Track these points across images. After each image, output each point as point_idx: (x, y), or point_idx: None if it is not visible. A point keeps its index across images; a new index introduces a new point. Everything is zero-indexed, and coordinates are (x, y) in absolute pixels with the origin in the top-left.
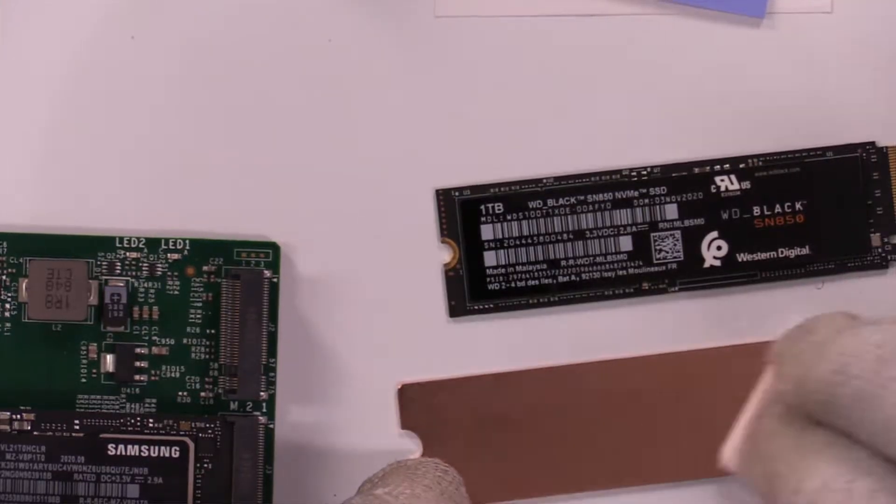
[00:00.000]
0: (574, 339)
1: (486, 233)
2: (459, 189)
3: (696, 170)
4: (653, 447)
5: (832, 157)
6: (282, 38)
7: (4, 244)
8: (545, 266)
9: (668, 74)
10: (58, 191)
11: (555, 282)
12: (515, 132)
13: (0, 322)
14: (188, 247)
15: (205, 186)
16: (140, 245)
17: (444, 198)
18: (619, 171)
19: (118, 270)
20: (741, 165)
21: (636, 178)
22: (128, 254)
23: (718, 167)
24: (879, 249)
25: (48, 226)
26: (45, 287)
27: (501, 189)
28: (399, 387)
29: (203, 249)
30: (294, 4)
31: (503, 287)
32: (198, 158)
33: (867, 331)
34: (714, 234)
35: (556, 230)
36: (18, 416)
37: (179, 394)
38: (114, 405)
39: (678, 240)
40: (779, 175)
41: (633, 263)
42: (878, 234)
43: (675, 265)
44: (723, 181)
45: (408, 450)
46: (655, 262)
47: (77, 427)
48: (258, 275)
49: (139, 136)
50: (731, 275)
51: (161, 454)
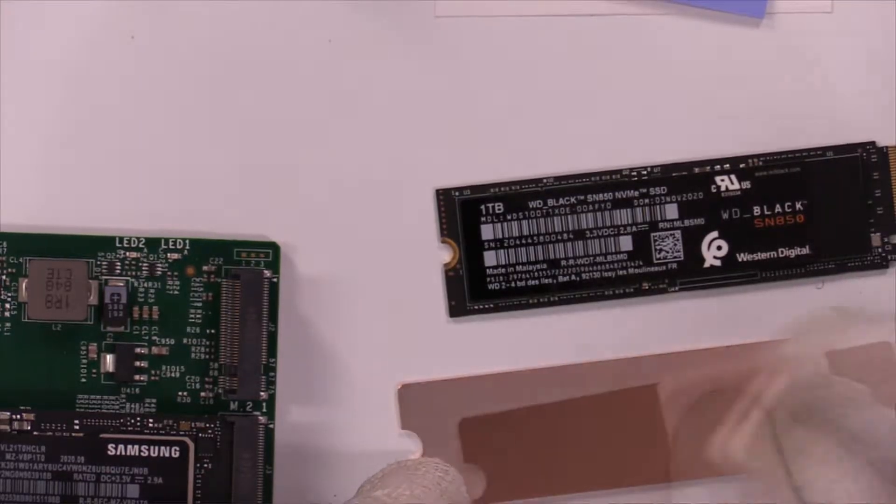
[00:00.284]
0: (574, 339)
1: (486, 233)
2: (459, 189)
3: (696, 170)
4: (654, 447)
5: (832, 157)
6: (282, 39)
7: (4, 244)
8: (545, 266)
9: (668, 74)
10: (58, 191)
11: (555, 282)
12: (515, 132)
13: (0, 322)
14: (188, 247)
15: (205, 186)
16: (140, 245)
17: (444, 198)
18: (619, 171)
19: (118, 270)
20: (741, 165)
21: (636, 178)
22: (128, 254)
23: (718, 167)
24: (879, 249)
25: (48, 226)
26: (45, 287)
27: (501, 189)
28: (399, 387)
29: (203, 249)
30: (294, 5)
31: (503, 287)
32: (198, 158)
33: (853, 333)
34: (714, 234)
35: (556, 230)
36: (18, 416)
37: (179, 394)
38: (114, 405)
39: (678, 240)
40: (779, 175)
41: (633, 263)
42: (878, 234)
43: (676, 265)
44: (723, 181)
45: (408, 450)
46: (655, 262)
47: (77, 427)
48: (258, 275)
49: (139, 137)
50: (731, 275)
51: (161, 454)
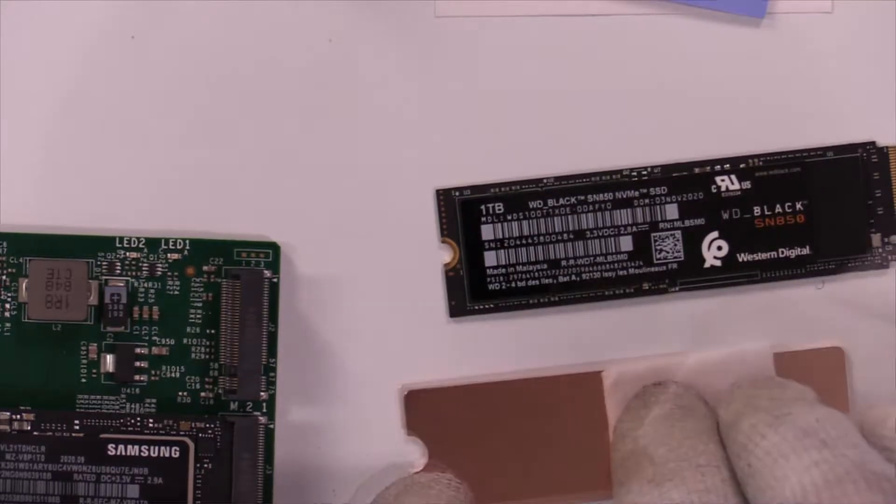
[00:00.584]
0: (574, 339)
1: (487, 233)
2: (459, 189)
3: (696, 170)
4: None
5: (832, 157)
6: (282, 38)
7: (4, 244)
8: (545, 266)
9: (669, 74)
10: (58, 191)
11: (555, 282)
12: (515, 132)
13: (0, 322)
14: (188, 247)
15: (205, 186)
16: (140, 245)
17: (444, 198)
18: (619, 171)
19: (118, 270)
20: (741, 165)
21: (636, 178)
22: (128, 254)
23: (718, 167)
24: (879, 249)
25: (48, 226)
26: (45, 287)
27: (501, 189)
28: (405, 392)
29: (203, 249)
30: (294, 4)
31: (503, 287)
32: (198, 158)
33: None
34: (714, 234)
35: (557, 230)
36: (18, 416)
37: (179, 394)
38: (114, 405)
39: (678, 240)
40: (779, 175)
41: (634, 263)
42: (878, 234)
43: (676, 265)
44: (723, 181)
45: (408, 451)
46: (656, 262)
47: (77, 427)
48: (258, 275)
49: (139, 136)
50: (732, 275)
51: (161, 454)
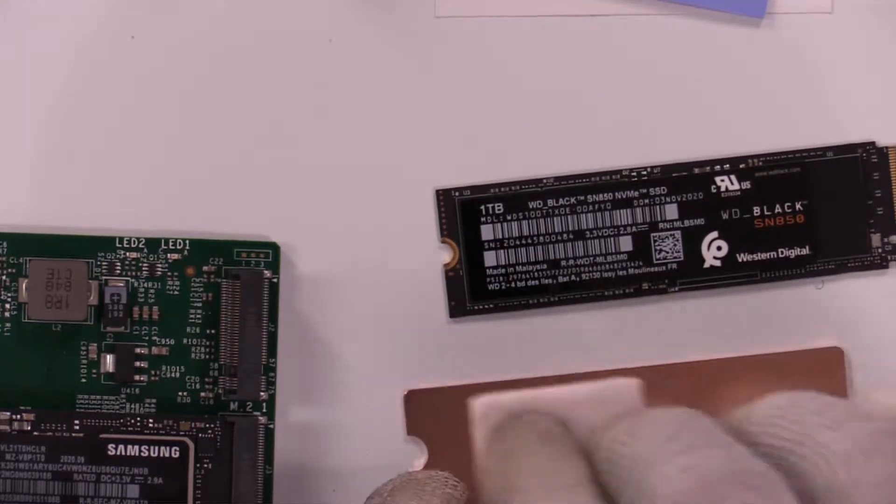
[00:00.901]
0: (574, 340)
1: (486, 233)
2: (459, 189)
3: (696, 170)
4: None
5: (832, 157)
6: (282, 39)
7: (4, 244)
8: (545, 266)
9: (668, 74)
10: (58, 191)
11: (555, 282)
12: (515, 132)
13: (0, 322)
14: (188, 247)
15: (205, 186)
16: (140, 245)
17: (444, 198)
18: (619, 171)
19: (118, 270)
20: (741, 165)
21: (636, 178)
22: (128, 254)
23: (718, 167)
24: (879, 249)
25: (48, 226)
26: (45, 287)
27: (501, 189)
28: (405, 392)
29: (203, 249)
30: (294, 5)
31: (503, 287)
32: (198, 158)
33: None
34: (714, 234)
35: (556, 230)
36: (18, 416)
37: (179, 394)
38: (114, 405)
39: (678, 240)
40: (779, 175)
41: (633, 263)
42: (878, 234)
43: (675, 265)
44: (723, 181)
45: (410, 451)
46: (655, 263)
47: (77, 427)
48: (258, 275)
49: (139, 136)
50: (731, 275)
51: (161, 454)
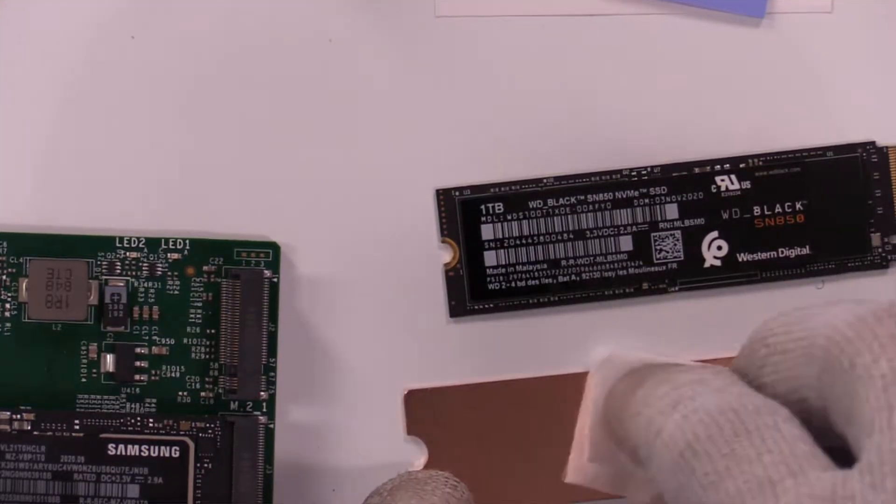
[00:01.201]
0: (574, 339)
1: (487, 233)
2: (459, 189)
3: (696, 170)
4: None
5: (832, 157)
6: (282, 39)
7: (4, 244)
8: (545, 266)
9: (668, 74)
10: (58, 191)
11: (555, 282)
12: (515, 132)
13: (0, 322)
14: (188, 247)
15: (205, 186)
16: (140, 245)
17: (444, 198)
18: (619, 171)
19: (118, 270)
20: (741, 165)
21: (636, 178)
22: (128, 254)
23: (718, 167)
24: (879, 249)
25: (48, 226)
26: (45, 287)
27: (501, 189)
28: (405, 392)
29: (203, 249)
30: (294, 5)
31: (503, 287)
32: (198, 158)
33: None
34: (714, 234)
35: (557, 230)
36: (18, 416)
37: (179, 394)
38: (114, 405)
39: (678, 240)
40: (779, 175)
41: (634, 263)
42: (878, 234)
43: (676, 265)
44: (723, 181)
45: (408, 450)
46: (655, 262)
47: (77, 427)
48: (258, 275)
49: (139, 136)
50: (731, 275)
51: (161, 454)
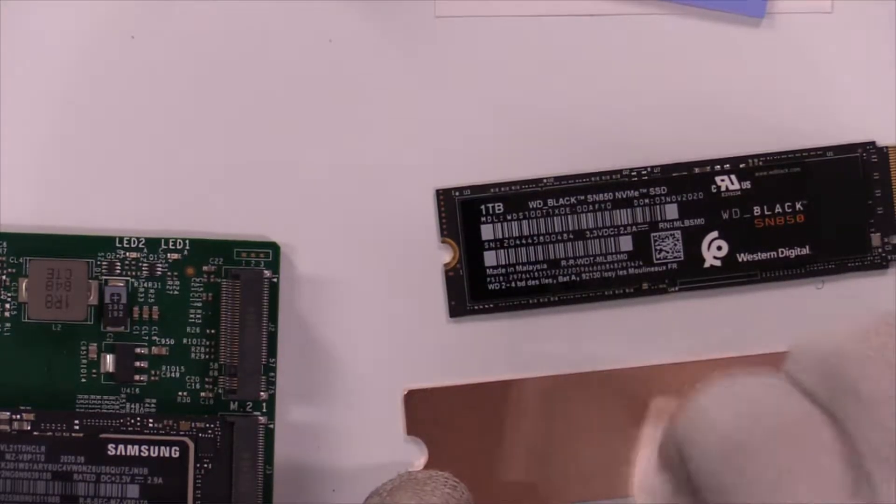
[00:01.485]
0: (574, 339)
1: (487, 233)
2: (459, 189)
3: (696, 170)
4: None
5: (832, 157)
6: (282, 39)
7: (4, 244)
8: (545, 266)
9: (668, 74)
10: (58, 191)
11: (555, 282)
12: (515, 132)
13: (0, 322)
14: (188, 247)
15: (205, 186)
16: (140, 245)
17: (444, 198)
18: (619, 171)
19: (118, 270)
20: (741, 165)
21: (636, 178)
22: (128, 254)
23: (718, 167)
24: (879, 249)
25: (48, 226)
26: (45, 287)
27: (501, 189)
28: (405, 392)
29: (203, 249)
30: (294, 5)
31: (503, 287)
32: (198, 158)
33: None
34: (714, 234)
35: (556, 230)
36: (18, 416)
37: (179, 394)
38: (114, 405)
39: (678, 240)
40: (779, 175)
41: (633, 263)
42: (878, 234)
43: (676, 265)
44: (723, 181)
45: (409, 450)
46: (655, 262)
47: (77, 427)
48: (258, 275)
49: (139, 136)
50: (731, 275)
51: (161, 454)
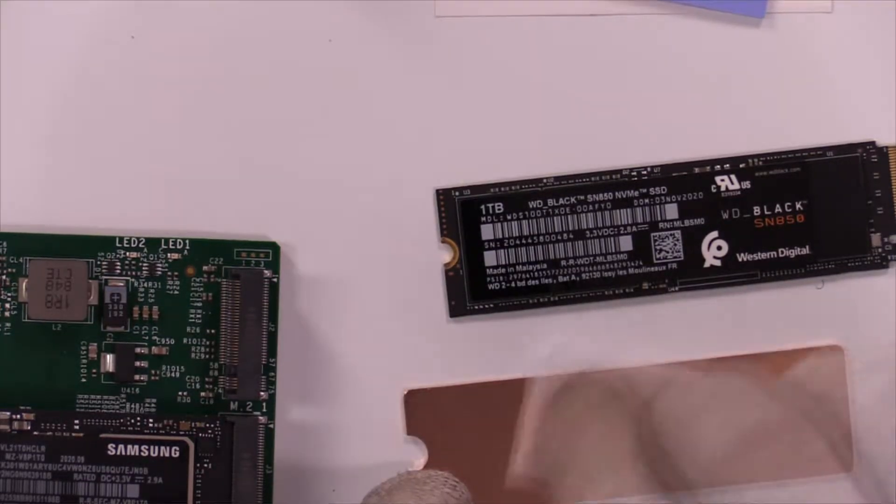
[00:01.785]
0: (573, 339)
1: (487, 233)
2: (459, 189)
3: (696, 170)
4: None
5: (832, 157)
6: (282, 39)
7: (4, 244)
8: (545, 266)
9: (669, 74)
10: (58, 191)
11: (555, 282)
12: (516, 132)
13: (0, 322)
14: (188, 247)
15: (205, 186)
16: (140, 245)
17: (444, 198)
18: (619, 171)
19: (118, 270)
20: (741, 165)
21: (636, 178)
22: (128, 254)
23: (718, 167)
24: (879, 249)
25: (48, 226)
26: (45, 287)
27: (501, 189)
28: (405, 392)
29: (203, 249)
30: (294, 5)
31: (503, 287)
32: (198, 158)
33: None
34: (714, 234)
35: (556, 230)
36: (18, 416)
37: (179, 394)
38: (114, 405)
39: (678, 240)
40: (779, 175)
41: (633, 263)
42: (878, 234)
43: (676, 265)
44: (723, 181)
45: (408, 450)
46: (655, 262)
47: (77, 427)
48: (258, 275)
49: (139, 136)
50: (731, 275)
51: (161, 454)
